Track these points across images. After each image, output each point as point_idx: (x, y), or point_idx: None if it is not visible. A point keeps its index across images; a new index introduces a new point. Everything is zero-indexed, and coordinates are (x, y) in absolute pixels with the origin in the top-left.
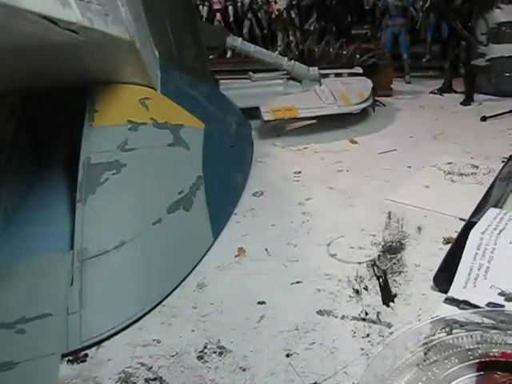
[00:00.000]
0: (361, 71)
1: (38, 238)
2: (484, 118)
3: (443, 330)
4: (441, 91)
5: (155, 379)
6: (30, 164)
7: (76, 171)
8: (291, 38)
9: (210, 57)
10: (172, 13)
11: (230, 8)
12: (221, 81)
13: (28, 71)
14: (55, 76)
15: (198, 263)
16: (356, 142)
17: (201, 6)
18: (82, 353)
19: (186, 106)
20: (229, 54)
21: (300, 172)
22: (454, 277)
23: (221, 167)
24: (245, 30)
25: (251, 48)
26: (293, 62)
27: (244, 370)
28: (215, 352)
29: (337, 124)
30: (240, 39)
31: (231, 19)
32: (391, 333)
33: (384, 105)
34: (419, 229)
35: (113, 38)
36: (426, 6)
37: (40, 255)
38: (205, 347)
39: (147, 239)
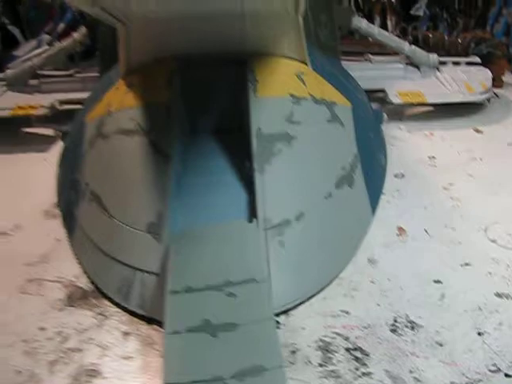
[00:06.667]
0: (479, 61)
1: (215, 205)
2: None
3: None
4: None
5: (355, 349)
6: (187, 130)
7: (234, 140)
8: (388, 21)
9: None
10: None
11: None
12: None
13: (189, 38)
14: (214, 45)
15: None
16: (481, 132)
17: None
18: None
19: (332, 83)
20: None
21: (434, 157)
22: None
23: (368, 147)
24: None
25: (375, 30)
26: (413, 47)
27: (441, 345)
28: (407, 326)
29: (456, 112)
30: (365, 21)
31: None
32: None
33: (498, 96)
34: None
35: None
36: None
37: (227, 222)
38: (395, 321)
39: (321, 212)
